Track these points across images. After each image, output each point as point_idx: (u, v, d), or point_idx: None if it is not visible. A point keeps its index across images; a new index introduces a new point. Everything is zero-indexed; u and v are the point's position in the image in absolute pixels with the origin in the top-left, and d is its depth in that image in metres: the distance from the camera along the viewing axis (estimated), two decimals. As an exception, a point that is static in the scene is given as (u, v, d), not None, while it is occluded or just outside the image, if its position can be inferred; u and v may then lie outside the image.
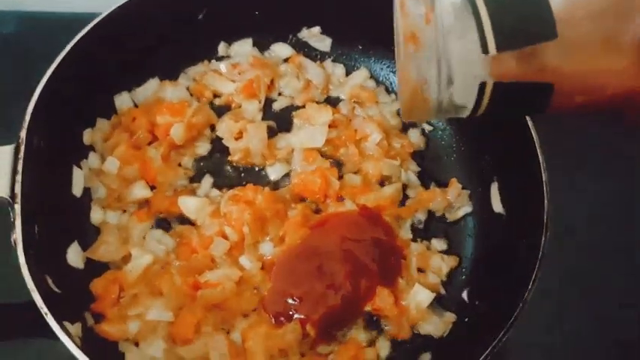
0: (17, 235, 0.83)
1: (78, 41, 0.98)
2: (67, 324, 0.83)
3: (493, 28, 0.47)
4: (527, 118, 0.96)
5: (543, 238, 0.89)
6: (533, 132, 0.96)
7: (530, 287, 0.86)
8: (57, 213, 0.97)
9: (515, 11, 0.47)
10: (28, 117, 0.90)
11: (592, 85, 0.52)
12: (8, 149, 0.87)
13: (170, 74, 1.17)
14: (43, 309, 0.79)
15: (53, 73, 0.95)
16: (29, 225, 0.86)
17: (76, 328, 0.86)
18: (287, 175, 1.11)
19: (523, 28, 0.47)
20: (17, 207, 0.84)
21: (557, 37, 0.46)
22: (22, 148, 0.87)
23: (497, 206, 1.06)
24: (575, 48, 0.49)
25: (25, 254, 0.82)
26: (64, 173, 1.02)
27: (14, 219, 0.84)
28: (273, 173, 1.11)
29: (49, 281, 0.87)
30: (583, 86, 0.51)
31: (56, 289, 0.88)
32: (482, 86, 0.50)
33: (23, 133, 0.89)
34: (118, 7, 1.02)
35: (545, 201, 0.92)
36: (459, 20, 0.50)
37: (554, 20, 0.46)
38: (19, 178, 0.85)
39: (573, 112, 0.57)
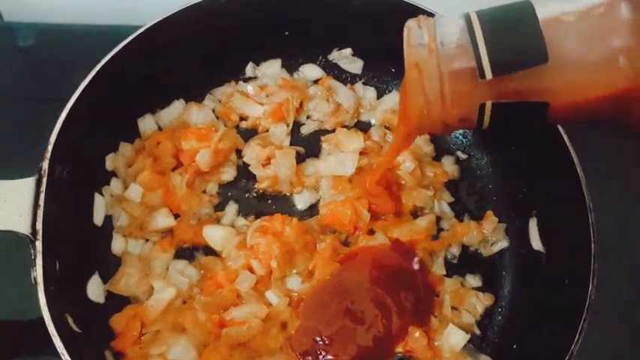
0: (38, 273, 0.79)
1: (106, 62, 0.95)
2: (87, 367, 0.79)
3: (489, 56, 0.52)
4: (572, 150, 0.92)
5: (590, 286, 0.84)
6: (578, 168, 0.91)
7: (576, 339, 0.81)
8: (78, 244, 0.93)
9: (510, 39, 0.53)
10: (50, 147, 0.85)
11: (584, 100, 0.58)
12: (29, 182, 0.83)
13: (195, 96, 1.12)
14: (65, 356, 0.75)
15: (79, 96, 0.91)
16: (50, 260, 0.82)
17: (97, 371, 0.82)
18: (315, 203, 1.07)
19: (517, 55, 0.52)
20: (38, 244, 0.80)
21: (548, 61, 0.51)
22: (44, 180, 0.83)
23: (537, 243, 1.01)
24: (565, 69, 0.56)
25: (45, 294, 0.78)
26: (85, 201, 0.99)
27: (35, 256, 0.79)
28: (301, 202, 1.07)
29: (70, 321, 0.83)
30: (575, 102, 0.58)
31: (77, 329, 0.84)
32: (482, 106, 0.55)
33: (46, 164, 0.84)
34: (147, 27, 0.98)
35: (592, 244, 0.87)
36: (458, 49, 0.56)
37: (546, 45, 0.51)
38: (40, 213, 0.81)
39: (572, 123, 0.67)
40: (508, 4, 0.57)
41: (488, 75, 0.53)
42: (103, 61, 0.95)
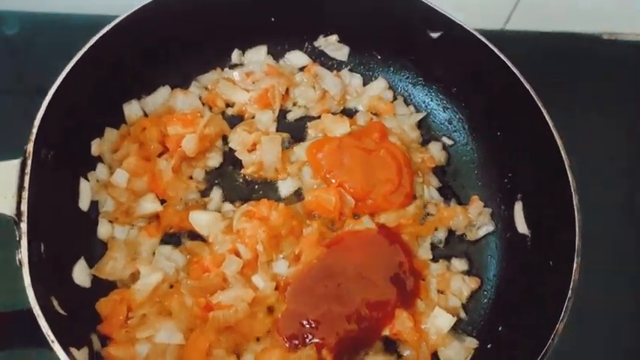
0: (23, 255, 0.78)
1: (90, 47, 0.94)
2: (73, 350, 0.78)
3: None
4: (556, 135, 0.93)
5: (575, 264, 0.85)
6: (562, 152, 0.92)
7: (561, 317, 0.82)
8: (63, 228, 0.92)
9: None
10: (35, 129, 0.85)
11: None
12: (14, 164, 0.82)
13: (181, 82, 1.12)
14: (50, 336, 0.74)
15: (63, 80, 0.91)
16: (35, 243, 0.81)
17: (82, 354, 0.81)
18: (300, 190, 1.07)
19: None
20: (23, 225, 0.79)
21: None
22: (29, 162, 0.82)
23: (522, 227, 1.02)
24: None
25: (30, 275, 0.77)
26: (70, 186, 0.98)
27: (20, 238, 0.79)
28: (285, 189, 1.07)
29: (55, 303, 0.82)
30: None
31: (62, 311, 0.83)
32: None
33: (30, 146, 0.84)
34: (132, 12, 0.98)
35: (577, 224, 0.88)
36: None
37: None
38: (25, 195, 0.80)
39: None
40: None
41: None
42: (85, 48, 0.94)
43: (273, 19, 1.13)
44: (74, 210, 0.98)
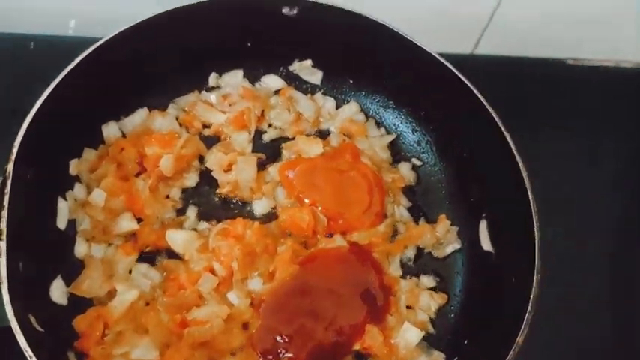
0: (2, 272, 0.80)
1: (71, 69, 0.97)
2: (50, 366, 0.80)
3: None
4: (517, 157, 0.98)
5: (534, 280, 0.89)
6: (524, 174, 0.97)
7: (521, 330, 0.86)
8: (41, 247, 0.94)
9: None
10: (15, 149, 0.87)
11: None
12: (-6, 183, 0.84)
13: (159, 104, 1.15)
14: (28, 352, 0.76)
15: (43, 102, 0.93)
16: (14, 261, 0.83)
17: (59, 370, 0.83)
18: (274, 210, 1.10)
19: None
20: (2, 244, 0.81)
21: None
22: (9, 182, 0.85)
23: (487, 244, 1.06)
24: None
25: (9, 292, 0.79)
26: (48, 205, 1.00)
27: (-1, 256, 0.81)
28: (259, 208, 1.10)
29: (33, 320, 0.84)
30: None
31: (40, 328, 0.85)
32: None
33: (10, 166, 0.86)
34: (111, 36, 1.01)
35: (536, 243, 0.92)
36: None
37: None
38: (5, 213, 0.83)
39: None
40: None
41: None
42: (65, 71, 0.96)
43: (249, 44, 1.17)
44: (52, 229, 0.99)
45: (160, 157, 1.05)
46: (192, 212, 1.08)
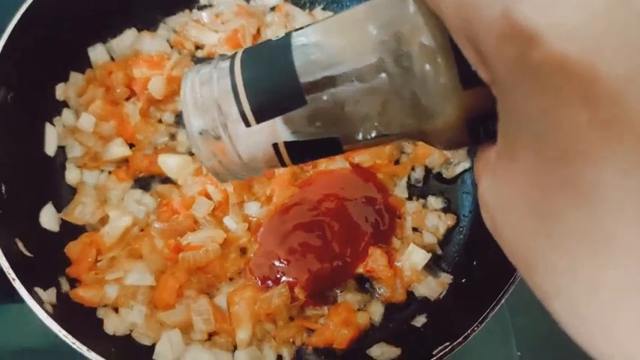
0: (-18, 196, 0.77)
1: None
2: (38, 290, 0.78)
3: (250, 104, 0.47)
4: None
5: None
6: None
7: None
8: (29, 173, 0.91)
9: (266, 85, 0.47)
10: (-8, 68, 0.83)
11: None
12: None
13: (148, 24, 1.09)
14: (10, 274, 0.74)
15: (21, 19, 0.87)
16: (-4, 186, 0.81)
17: (49, 294, 0.81)
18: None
19: (274, 100, 0.47)
20: (-19, 168, 0.78)
21: (307, 104, 0.46)
22: (-15, 103, 0.81)
23: (498, 161, 1.00)
24: None
25: (-9, 216, 0.76)
26: (35, 131, 0.96)
27: (-20, 179, 0.78)
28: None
29: (20, 245, 0.82)
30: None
31: (28, 253, 0.82)
32: (276, 147, 0.48)
33: (-15, 87, 0.82)
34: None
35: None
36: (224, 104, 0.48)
37: (301, 90, 0.46)
38: (-17, 135, 0.79)
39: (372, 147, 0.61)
40: (269, 43, 0.49)
41: (252, 122, 0.47)
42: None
43: (241, -44, 1.09)
44: (40, 155, 0.96)
45: (149, 78, 1.00)
46: (185, 136, 1.03)
